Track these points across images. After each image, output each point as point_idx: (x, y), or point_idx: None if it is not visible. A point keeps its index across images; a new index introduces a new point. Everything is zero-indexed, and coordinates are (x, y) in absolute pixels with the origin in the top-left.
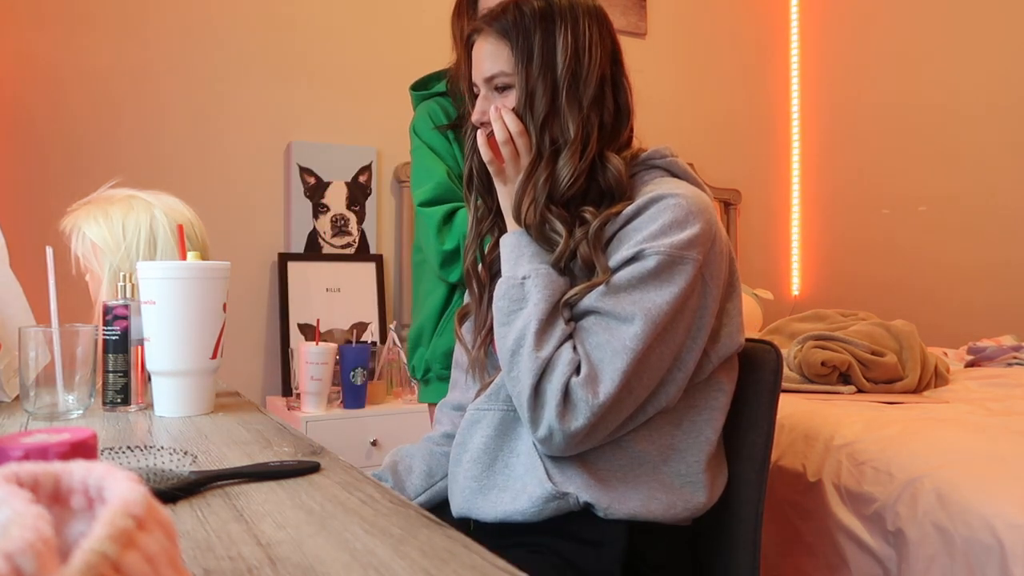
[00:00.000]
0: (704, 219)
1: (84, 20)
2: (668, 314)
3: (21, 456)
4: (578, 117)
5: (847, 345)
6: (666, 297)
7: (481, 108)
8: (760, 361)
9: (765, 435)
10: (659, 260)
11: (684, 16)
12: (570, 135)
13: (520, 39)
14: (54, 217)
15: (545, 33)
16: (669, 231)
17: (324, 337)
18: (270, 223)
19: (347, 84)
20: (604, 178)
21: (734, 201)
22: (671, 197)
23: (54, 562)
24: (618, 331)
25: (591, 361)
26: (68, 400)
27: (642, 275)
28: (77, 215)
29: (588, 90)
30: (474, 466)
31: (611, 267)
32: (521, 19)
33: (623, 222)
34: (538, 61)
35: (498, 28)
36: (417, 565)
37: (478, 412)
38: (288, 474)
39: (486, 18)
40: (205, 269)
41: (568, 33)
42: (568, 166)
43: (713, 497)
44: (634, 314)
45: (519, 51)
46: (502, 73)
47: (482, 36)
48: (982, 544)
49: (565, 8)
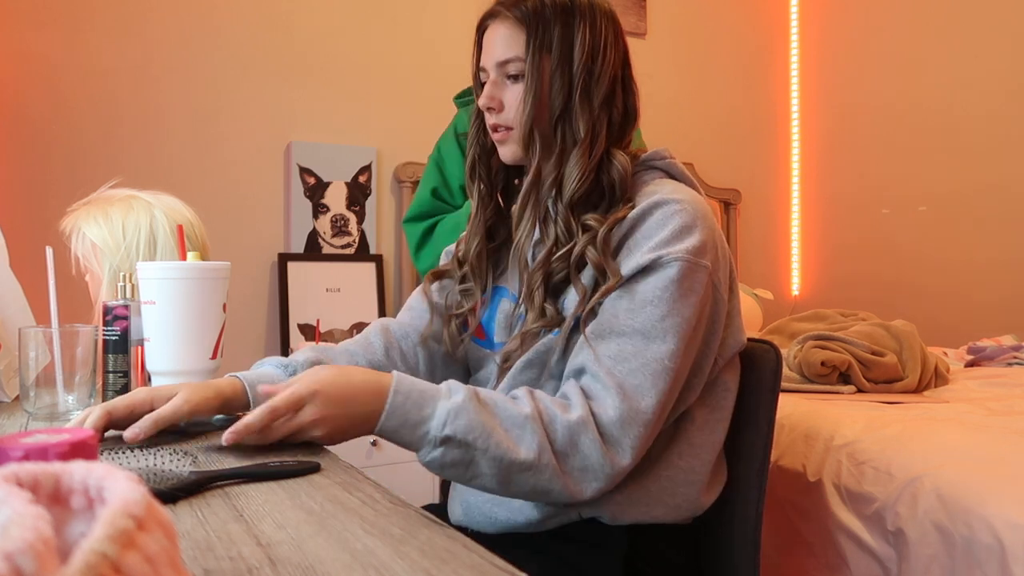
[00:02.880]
0: (707, 224)
1: (84, 20)
2: (694, 326)
3: (21, 456)
4: (589, 117)
5: (847, 345)
6: (692, 309)
7: (490, 93)
8: (760, 361)
9: (765, 435)
10: (680, 267)
11: (684, 16)
12: (580, 134)
13: (540, 29)
14: (54, 217)
15: (564, 27)
16: (682, 236)
17: (324, 337)
18: (270, 223)
19: (347, 84)
20: (608, 175)
21: (734, 201)
22: (674, 203)
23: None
24: (649, 351)
25: (625, 390)
26: (68, 400)
27: (667, 285)
28: (77, 215)
29: (601, 89)
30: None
31: (625, 275)
32: (542, 9)
33: (628, 226)
34: (556, 54)
35: (517, 14)
36: (417, 565)
37: None
38: (288, 474)
39: (504, 3)
40: (205, 269)
41: (587, 30)
42: (578, 167)
43: (713, 496)
44: (666, 331)
45: (537, 41)
46: (517, 59)
47: (498, 20)
48: (982, 544)
49: (585, 6)
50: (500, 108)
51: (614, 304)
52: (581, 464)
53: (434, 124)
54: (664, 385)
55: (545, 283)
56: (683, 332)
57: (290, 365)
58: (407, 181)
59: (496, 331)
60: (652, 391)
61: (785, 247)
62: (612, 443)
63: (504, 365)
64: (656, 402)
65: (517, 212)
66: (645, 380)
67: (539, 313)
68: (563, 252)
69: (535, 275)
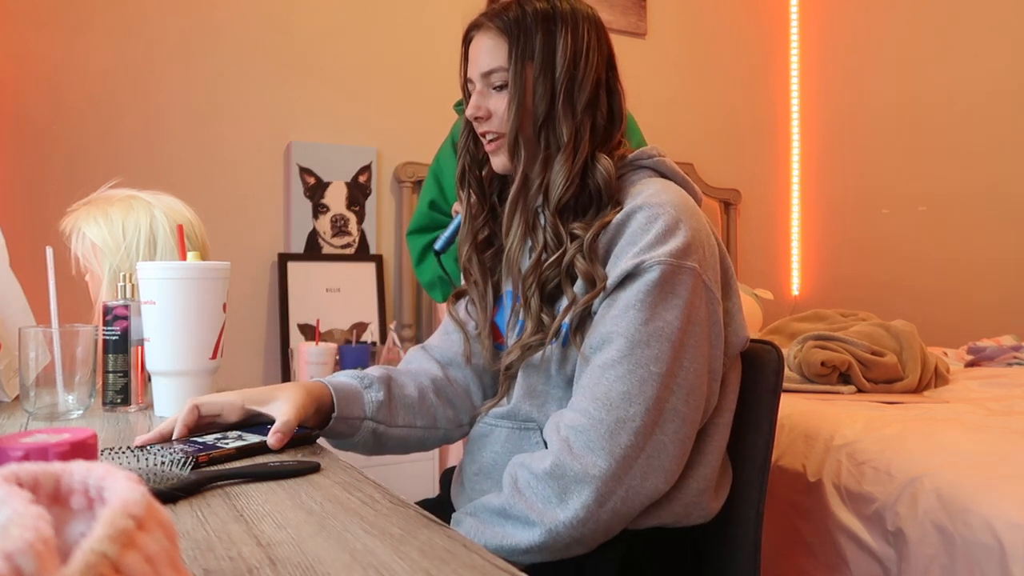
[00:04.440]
0: (691, 224)
1: (84, 20)
2: (681, 328)
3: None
4: (572, 123)
5: (847, 345)
6: (675, 311)
7: (476, 103)
8: (761, 361)
9: (766, 435)
10: (661, 271)
11: (684, 16)
12: (564, 139)
13: (521, 37)
14: (54, 217)
15: (546, 34)
16: (665, 239)
17: (324, 337)
18: (270, 223)
19: (347, 84)
20: (593, 180)
21: (734, 201)
22: (656, 205)
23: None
24: (633, 356)
25: (611, 398)
26: (68, 400)
27: (648, 290)
28: (77, 215)
29: (583, 95)
30: (484, 480)
31: (610, 284)
32: (523, 18)
33: (613, 232)
34: (538, 61)
35: (499, 24)
36: (417, 565)
37: (486, 426)
38: (288, 474)
39: (487, 14)
40: (205, 269)
41: (569, 36)
42: (563, 172)
43: (721, 501)
44: (649, 335)
45: (519, 49)
46: (500, 68)
47: (481, 31)
48: (982, 544)
49: (567, 12)
50: (488, 116)
51: (603, 314)
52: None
53: (434, 124)
54: (652, 391)
55: (540, 291)
56: (667, 335)
57: (366, 377)
58: (407, 181)
59: (509, 333)
60: (639, 397)
61: (785, 247)
62: (592, 451)
63: (507, 372)
64: (645, 408)
65: (506, 219)
66: (632, 387)
67: (536, 324)
68: (553, 259)
69: (528, 282)
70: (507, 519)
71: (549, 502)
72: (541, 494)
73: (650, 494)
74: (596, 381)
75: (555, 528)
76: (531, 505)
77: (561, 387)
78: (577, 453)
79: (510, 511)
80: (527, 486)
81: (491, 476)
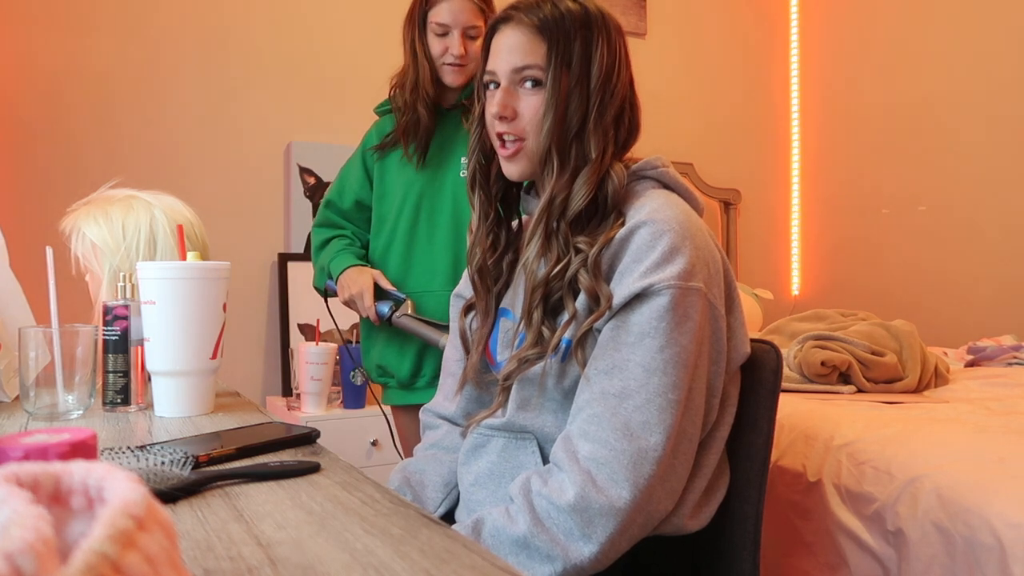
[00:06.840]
0: (695, 243)
1: (84, 21)
2: (694, 352)
3: (21, 456)
4: (602, 139)
5: (847, 345)
6: (689, 336)
7: (503, 101)
8: (760, 361)
9: (765, 435)
10: (672, 295)
11: (684, 16)
12: (591, 156)
13: (561, 41)
14: (54, 217)
15: (584, 42)
16: (671, 259)
17: (324, 337)
18: (270, 223)
19: (347, 84)
20: (603, 190)
21: (734, 201)
22: (661, 222)
23: (54, 562)
24: (651, 384)
25: (631, 428)
26: (68, 400)
27: (661, 315)
28: (77, 215)
29: (613, 109)
30: (480, 491)
31: (617, 303)
32: (561, 20)
33: (616, 247)
34: (576, 70)
35: (536, 21)
36: (417, 565)
37: (481, 437)
38: (288, 474)
39: (521, 7)
40: (205, 269)
41: (605, 46)
42: (586, 186)
43: (715, 506)
44: (666, 362)
45: (558, 53)
46: (537, 67)
47: (513, 25)
48: (982, 544)
49: (600, 20)
50: (513, 117)
51: (614, 338)
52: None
53: None
54: (671, 419)
55: (544, 302)
56: (683, 360)
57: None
58: None
59: (499, 351)
60: (659, 427)
61: (785, 247)
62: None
63: (504, 384)
64: (665, 438)
65: (530, 231)
66: (651, 416)
67: (536, 337)
68: (558, 271)
69: (535, 293)
70: (525, 550)
71: (571, 535)
72: (563, 527)
73: (662, 516)
74: (614, 411)
75: (579, 563)
76: (554, 538)
77: (557, 400)
78: (601, 486)
79: (531, 542)
80: (548, 517)
81: (487, 486)
